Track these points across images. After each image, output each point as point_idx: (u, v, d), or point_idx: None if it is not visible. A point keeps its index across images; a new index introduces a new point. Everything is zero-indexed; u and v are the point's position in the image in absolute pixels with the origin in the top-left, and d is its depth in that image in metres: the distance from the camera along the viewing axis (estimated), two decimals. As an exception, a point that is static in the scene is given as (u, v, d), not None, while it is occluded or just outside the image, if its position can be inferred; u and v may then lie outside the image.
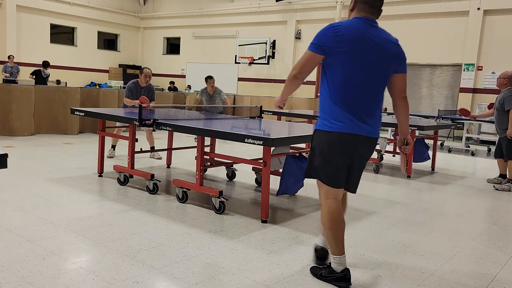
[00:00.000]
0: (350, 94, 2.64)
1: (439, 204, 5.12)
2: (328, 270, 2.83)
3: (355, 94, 2.65)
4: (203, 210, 4.28)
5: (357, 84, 2.64)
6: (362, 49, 2.60)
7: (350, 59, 2.60)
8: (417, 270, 3.12)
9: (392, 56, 2.69)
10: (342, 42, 2.58)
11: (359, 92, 2.65)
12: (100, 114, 5.16)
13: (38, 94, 8.84)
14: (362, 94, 2.66)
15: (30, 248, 3.09)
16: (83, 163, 6.25)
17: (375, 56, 2.63)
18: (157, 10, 20.94)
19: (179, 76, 20.27)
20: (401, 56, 2.73)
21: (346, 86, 2.64)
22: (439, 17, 13.57)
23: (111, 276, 2.73)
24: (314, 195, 5.11)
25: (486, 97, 12.92)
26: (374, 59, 2.63)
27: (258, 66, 17.76)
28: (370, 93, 2.68)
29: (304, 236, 3.69)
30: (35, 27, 17.89)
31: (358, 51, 2.60)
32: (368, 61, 2.62)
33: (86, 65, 19.77)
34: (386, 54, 2.66)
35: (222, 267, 2.96)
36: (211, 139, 5.91)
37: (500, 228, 4.29)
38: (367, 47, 2.61)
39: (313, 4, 15.94)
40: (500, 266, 3.29)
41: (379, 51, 2.64)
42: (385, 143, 6.92)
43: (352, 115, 2.65)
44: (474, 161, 8.90)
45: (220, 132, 3.99)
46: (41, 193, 4.56)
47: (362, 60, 2.61)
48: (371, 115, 2.70)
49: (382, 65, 2.66)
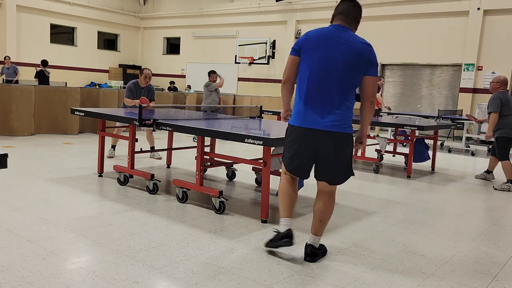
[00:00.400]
0: (310, 90, 2.90)
1: (439, 204, 5.12)
2: (274, 235, 3.17)
3: (315, 89, 2.89)
4: (203, 210, 4.28)
5: (318, 80, 2.88)
6: (326, 47, 2.85)
7: (314, 57, 2.87)
8: (417, 270, 3.12)
9: (359, 55, 2.86)
10: (309, 42, 2.90)
11: (319, 87, 2.88)
12: (100, 114, 5.16)
13: (38, 94, 8.84)
14: (323, 90, 2.88)
15: (30, 248, 3.09)
16: (83, 163, 6.25)
17: (337, 53, 2.84)
18: (157, 10, 20.95)
19: (179, 76, 20.27)
20: (370, 58, 2.92)
21: (308, 83, 2.91)
22: (439, 17, 13.57)
23: (111, 276, 2.73)
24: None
25: (486, 97, 12.91)
26: (337, 56, 2.84)
27: (258, 66, 17.76)
28: (332, 89, 2.87)
29: (304, 236, 3.69)
30: (35, 27, 17.89)
31: (322, 49, 2.86)
32: (331, 60, 2.84)
33: (86, 65, 19.78)
34: (352, 52, 2.85)
35: (222, 267, 2.96)
36: (211, 139, 5.91)
37: (500, 228, 4.29)
38: (331, 46, 2.85)
39: (313, 4, 15.95)
40: (500, 266, 3.29)
41: (343, 50, 2.84)
42: (385, 143, 6.92)
43: (310, 109, 2.91)
44: (474, 161, 8.90)
45: (220, 132, 3.99)
46: (41, 193, 4.56)
47: (324, 58, 2.85)
48: (329, 110, 2.89)
49: (346, 63, 2.85)
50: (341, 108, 2.91)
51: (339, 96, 2.90)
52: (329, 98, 2.89)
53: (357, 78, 2.92)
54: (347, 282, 2.85)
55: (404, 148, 9.75)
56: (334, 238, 3.69)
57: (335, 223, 4.13)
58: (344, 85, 2.89)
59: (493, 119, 6.18)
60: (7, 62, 13.49)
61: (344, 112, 2.93)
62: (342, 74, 2.86)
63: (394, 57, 14.55)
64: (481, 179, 6.80)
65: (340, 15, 2.97)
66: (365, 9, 14.91)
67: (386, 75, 14.98)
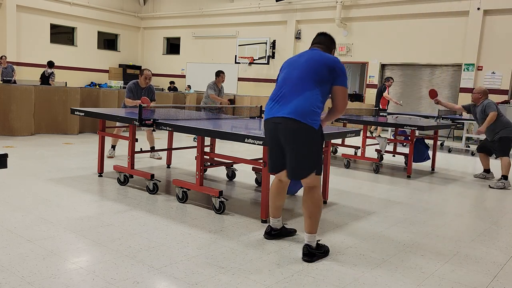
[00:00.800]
0: (276, 90, 3.27)
1: (439, 204, 5.12)
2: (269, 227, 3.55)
3: (278, 88, 3.24)
4: (203, 210, 4.28)
5: (282, 80, 3.24)
6: (295, 59, 3.28)
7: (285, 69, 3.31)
8: (417, 270, 3.12)
9: (321, 62, 3.14)
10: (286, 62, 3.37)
11: (282, 86, 3.22)
12: (100, 114, 5.16)
13: (38, 94, 8.84)
14: (286, 87, 3.19)
15: (30, 248, 3.09)
16: (83, 163, 6.25)
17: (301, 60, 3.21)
18: (157, 10, 20.94)
19: (179, 76, 20.27)
20: (334, 67, 3.14)
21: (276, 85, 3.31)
22: (439, 17, 13.57)
23: (111, 276, 2.73)
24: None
25: (486, 97, 12.90)
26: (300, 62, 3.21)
27: (258, 66, 17.76)
28: (293, 85, 3.15)
29: (304, 236, 3.69)
30: (35, 27, 17.89)
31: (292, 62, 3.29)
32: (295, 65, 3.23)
33: (86, 65, 19.77)
34: (314, 59, 3.17)
35: (222, 267, 2.96)
36: (211, 139, 5.91)
37: (500, 228, 4.29)
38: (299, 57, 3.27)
39: (313, 4, 15.94)
40: (500, 266, 3.29)
41: (306, 57, 3.20)
42: (385, 143, 6.93)
43: (272, 104, 3.22)
44: (474, 161, 8.90)
45: (220, 132, 3.99)
46: (41, 193, 4.56)
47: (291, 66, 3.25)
48: (286, 102, 3.13)
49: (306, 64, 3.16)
50: (301, 99, 3.09)
51: (299, 91, 3.12)
52: (290, 93, 3.14)
53: (320, 79, 3.12)
54: (347, 282, 2.85)
55: (404, 148, 9.75)
56: (334, 238, 3.69)
57: (335, 223, 4.13)
58: (304, 80, 3.13)
59: (491, 118, 6.39)
60: (3, 62, 13.48)
61: (303, 103, 3.08)
62: (302, 73, 3.15)
63: (394, 57, 14.55)
64: (480, 178, 6.85)
65: (314, 44, 3.40)
66: (365, 9, 14.94)
67: (386, 75, 14.98)
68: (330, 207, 4.67)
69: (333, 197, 5.09)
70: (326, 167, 4.79)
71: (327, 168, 4.77)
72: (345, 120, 7.11)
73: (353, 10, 15.17)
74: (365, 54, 15.15)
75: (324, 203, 4.80)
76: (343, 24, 15.31)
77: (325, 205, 4.75)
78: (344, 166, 7.22)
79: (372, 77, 15.11)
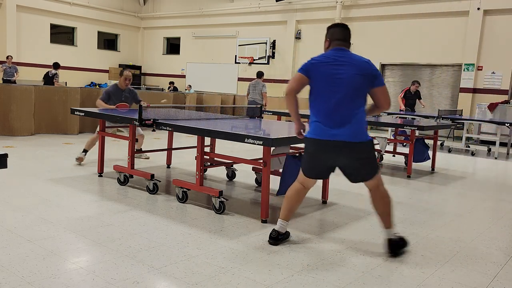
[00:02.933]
0: (325, 107, 3.19)
1: (439, 204, 5.12)
2: (275, 232, 3.44)
3: (329, 106, 3.17)
4: (203, 210, 4.28)
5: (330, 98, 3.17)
6: (333, 69, 3.17)
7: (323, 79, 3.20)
8: (417, 270, 3.12)
9: (362, 71, 3.15)
10: (316, 66, 3.22)
11: (332, 104, 3.16)
12: (100, 114, 5.16)
13: (38, 94, 8.84)
14: (337, 106, 3.15)
15: (30, 248, 3.09)
16: (83, 163, 6.25)
17: (343, 72, 3.15)
18: (157, 10, 20.94)
19: (179, 76, 20.27)
20: (372, 72, 3.18)
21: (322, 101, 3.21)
22: (439, 17, 13.57)
23: (111, 276, 2.73)
24: (314, 195, 5.11)
25: (486, 97, 12.92)
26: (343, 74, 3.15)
27: (258, 66, 17.75)
28: (344, 103, 3.14)
29: (304, 236, 3.69)
30: (35, 27, 17.89)
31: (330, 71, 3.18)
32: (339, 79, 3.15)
33: (86, 65, 19.77)
34: (356, 70, 3.15)
35: (222, 267, 2.96)
36: (211, 139, 5.91)
37: (500, 228, 4.29)
38: (338, 67, 3.17)
39: (313, 4, 15.94)
40: (500, 266, 3.29)
41: (348, 69, 3.15)
42: (385, 143, 6.93)
43: (326, 123, 3.18)
44: (474, 161, 8.90)
45: (220, 132, 3.99)
46: (41, 193, 4.56)
47: (333, 78, 3.16)
48: (343, 123, 3.15)
49: (352, 79, 3.14)
50: (358, 119, 3.16)
51: (351, 110, 3.15)
52: (346, 113, 3.15)
53: (365, 91, 3.20)
54: (347, 282, 2.85)
55: (404, 148, 9.75)
56: (334, 238, 3.69)
57: (335, 223, 4.13)
58: (353, 98, 3.15)
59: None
60: (9, 62, 13.50)
61: (361, 123, 3.18)
62: (349, 89, 3.14)
63: (394, 57, 14.55)
64: None
65: (337, 41, 3.30)
66: (365, 9, 14.93)
67: (386, 75, 14.99)
68: (330, 207, 4.67)
69: (333, 197, 5.09)
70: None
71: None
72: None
73: (353, 10, 15.17)
74: (365, 54, 15.05)
75: (324, 203, 4.80)
76: (343, 24, 15.30)
77: (325, 205, 4.75)
78: (344, 166, 7.22)
79: (372, 77, 15.09)
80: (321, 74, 3.19)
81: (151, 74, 21.68)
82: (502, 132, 10.08)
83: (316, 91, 3.23)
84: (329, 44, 3.34)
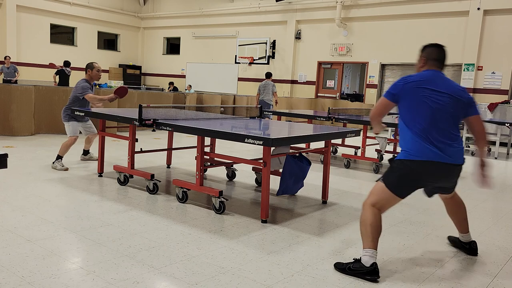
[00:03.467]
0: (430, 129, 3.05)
1: (439, 204, 5.12)
2: (357, 264, 2.97)
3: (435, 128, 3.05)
4: (203, 210, 4.28)
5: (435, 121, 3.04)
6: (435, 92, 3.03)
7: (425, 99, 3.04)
8: (417, 270, 3.12)
9: (461, 101, 3.07)
10: (413, 86, 3.04)
11: (439, 126, 3.05)
12: (100, 114, 5.16)
13: (38, 94, 8.84)
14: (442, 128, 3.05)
15: (30, 248, 3.09)
16: (83, 163, 6.25)
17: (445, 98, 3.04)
18: (157, 10, 20.94)
19: (179, 76, 20.27)
20: (469, 101, 3.10)
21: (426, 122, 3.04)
22: (439, 17, 13.57)
23: (111, 276, 2.73)
24: (314, 195, 5.11)
25: (486, 97, 12.91)
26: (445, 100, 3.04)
27: (258, 66, 17.76)
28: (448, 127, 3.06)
29: (304, 236, 3.69)
30: (35, 27, 17.89)
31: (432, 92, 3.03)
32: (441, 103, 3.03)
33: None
34: (455, 98, 3.05)
35: (222, 267, 2.96)
36: (211, 139, 5.91)
37: (500, 228, 4.29)
38: (439, 91, 3.03)
39: (313, 4, 15.94)
40: (500, 266, 3.29)
41: (447, 96, 3.04)
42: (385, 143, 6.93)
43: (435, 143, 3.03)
44: (474, 161, 8.90)
45: (220, 132, 3.99)
46: (41, 193, 4.56)
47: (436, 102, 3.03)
48: (452, 147, 3.05)
49: (453, 106, 3.05)
50: (460, 142, 3.12)
51: (454, 133, 3.07)
52: (453, 136, 3.05)
53: (460, 117, 3.13)
54: (347, 282, 2.85)
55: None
56: (334, 238, 3.69)
57: (335, 223, 4.13)
58: (454, 123, 3.07)
59: None
60: (7, 62, 13.50)
61: (461, 146, 3.13)
62: (451, 115, 3.04)
63: (394, 57, 14.55)
64: None
65: (435, 61, 3.17)
66: (365, 9, 14.94)
67: (386, 75, 14.98)
68: (330, 207, 4.67)
69: (333, 197, 5.09)
70: (326, 167, 4.79)
71: (327, 168, 4.77)
72: (345, 120, 7.11)
73: (353, 10, 15.17)
74: (365, 54, 15.15)
75: (324, 203, 4.80)
76: (343, 24, 15.31)
77: (325, 205, 4.75)
78: (344, 166, 7.22)
79: (372, 77, 15.11)
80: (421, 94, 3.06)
81: (151, 74, 21.68)
82: (502, 132, 10.08)
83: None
84: (424, 63, 3.21)
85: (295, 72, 16.79)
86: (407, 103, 3.04)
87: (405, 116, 3.07)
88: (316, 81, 16.35)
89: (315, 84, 16.36)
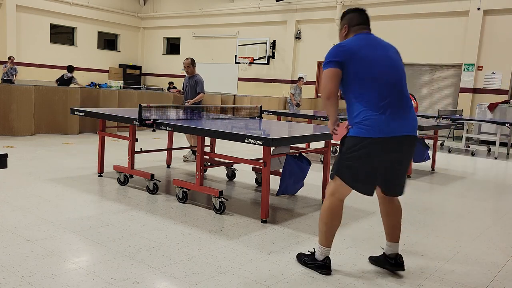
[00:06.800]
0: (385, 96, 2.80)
1: (439, 204, 5.12)
2: (310, 258, 3.03)
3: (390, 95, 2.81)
4: (203, 210, 4.28)
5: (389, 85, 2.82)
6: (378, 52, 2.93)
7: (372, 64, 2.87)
8: (417, 270, 3.12)
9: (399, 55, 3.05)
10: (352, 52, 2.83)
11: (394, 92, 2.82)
12: (100, 114, 5.16)
13: (38, 94, 8.84)
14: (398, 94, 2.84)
15: (30, 248, 3.09)
16: (83, 163, 6.25)
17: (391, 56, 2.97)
18: (157, 10, 20.94)
19: (179, 76, 20.26)
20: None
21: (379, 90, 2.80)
22: (439, 17, 13.57)
23: (111, 276, 2.73)
24: (314, 195, 5.11)
25: (486, 97, 12.92)
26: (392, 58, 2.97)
27: (258, 66, 17.76)
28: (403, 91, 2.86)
29: (304, 236, 3.69)
30: (35, 27, 17.89)
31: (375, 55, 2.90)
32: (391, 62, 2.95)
33: (86, 65, 19.77)
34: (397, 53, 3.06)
35: (222, 267, 2.96)
36: (211, 139, 5.91)
37: (500, 228, 4.29)
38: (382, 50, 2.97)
39: (313, 4, 15.94)
40: (500, 266, 3.29)
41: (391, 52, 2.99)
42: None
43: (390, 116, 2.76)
44: (474, 161, 8.90)
45: (220, 132, 3.99)
46: (41, 193, 4.55)
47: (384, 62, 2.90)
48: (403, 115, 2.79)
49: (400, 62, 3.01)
50: (412, 110, 2.82)
51: (408, 98, 2.81)
52: (405, 101, 2.78)
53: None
54: (347, 282, 2.85)
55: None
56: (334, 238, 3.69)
57: (335, 223, 4.13)
58: (405, 85, 2.88)
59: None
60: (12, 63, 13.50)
61: (415, 114, 2.85)
62: (402, 76, 2.87)
63: (394, 57, 14.53)
64: None
65: (360, 25, 3.05)
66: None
67: (386, 75, 14.96)
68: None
69: (333, 197, 5.08)
70: (326, 167, 4.79)
71: (327, 168, 4.77)
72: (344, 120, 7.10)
73: (353, 10, 15.15)
74: (365, 54, 15.13)
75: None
76: (343, 24, 15.30)
77: (325, 205, 4.75)
78: (344, 166, 7.21)
79: (372, 77, 15.10)
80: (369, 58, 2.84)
81: (151, 74, 21.68)
82: (502, 132, 10.08)
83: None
84: (347, 30, 3.01)
85: (295, 72, 16.79)
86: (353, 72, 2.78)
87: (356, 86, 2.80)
88: (316, 81, 16.34)
89: (315, 84, 16.36)
